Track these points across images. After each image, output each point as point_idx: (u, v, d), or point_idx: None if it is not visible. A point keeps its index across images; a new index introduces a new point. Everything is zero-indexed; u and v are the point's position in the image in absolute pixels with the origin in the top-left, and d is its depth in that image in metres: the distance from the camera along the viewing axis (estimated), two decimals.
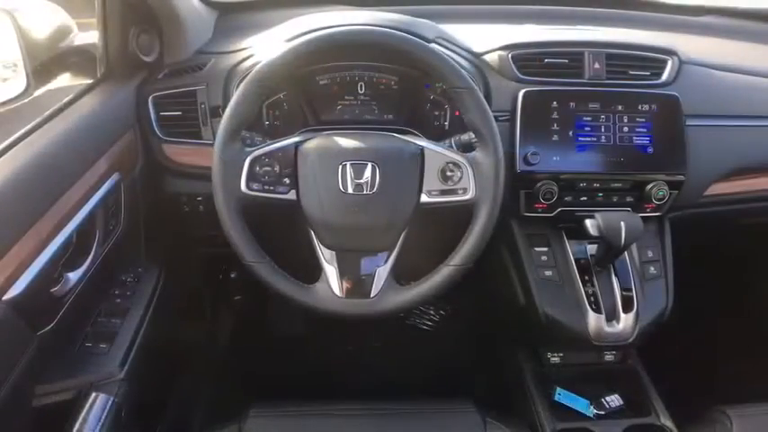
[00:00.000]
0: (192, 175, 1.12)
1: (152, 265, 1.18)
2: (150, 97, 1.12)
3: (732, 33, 1.49)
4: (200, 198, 1.14)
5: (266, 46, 1.12)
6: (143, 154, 1.13)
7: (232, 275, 1.59)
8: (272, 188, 0.93)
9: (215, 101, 1.10)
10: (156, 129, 1.12)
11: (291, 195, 0.93)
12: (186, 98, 1.12)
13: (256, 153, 0.92)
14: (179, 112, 1.11)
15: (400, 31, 0.95)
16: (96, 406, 0.93)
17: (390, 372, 1.57)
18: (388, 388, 1.12)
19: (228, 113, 0.91)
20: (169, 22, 1.15)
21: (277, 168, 0.93)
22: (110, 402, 0.94)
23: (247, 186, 0.91)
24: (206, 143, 1.10)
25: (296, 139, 0.95)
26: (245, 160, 0.91)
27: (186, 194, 1.16)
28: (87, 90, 1.08)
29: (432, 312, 1.79)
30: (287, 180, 0.93)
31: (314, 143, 0.94)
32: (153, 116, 1.12)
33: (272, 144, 0.94)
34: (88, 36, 1.20)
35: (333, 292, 0.93)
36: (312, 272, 0.96)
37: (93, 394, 0.94)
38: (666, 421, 1.12)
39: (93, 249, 0.97)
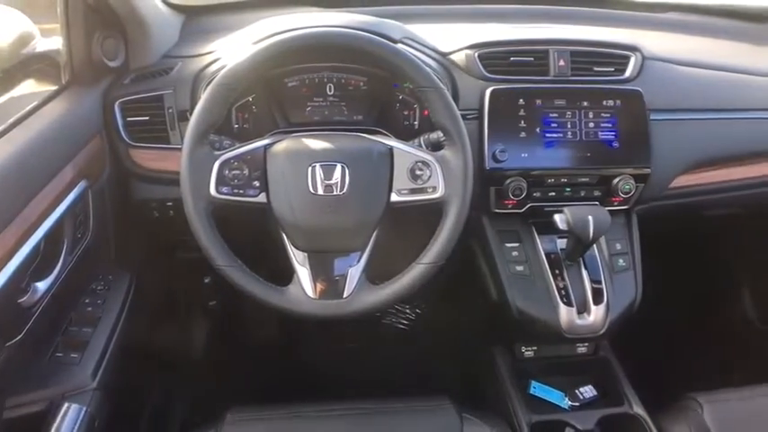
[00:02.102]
0: (162, 180, 1.11)
1: (123, 272, 1.16)
2: (117, 103, 1.11)
3: (694, 29, 1.52)
4: (170, 203, 1.13)
5: (233, 49, 1.11)
6: (111, 160, 1.12)
7: (206, 280, 1.57)
8: (241, 191, 0.92)
9: (183, 105, 1.10)
10: (123, 134, 1.11)
11: (261, 198, 0.93)
12: (153, 103, 1.11)
13: (225, 156, 0.92)
14: (146, 117, 1.11)
15: (366, 32, 0.96)
16: (68, 417, 0.92)
17: (368, 372, 1.57)
18: (365, 388, 1.12)
19: (195, 117, 0.91)
20: (134, 27, 1.14)
21: (246, 171, 0.92)
22: (82, 413, 0.93)
23: (217, 190, 0.91)
24: (174, 148, 1.09)
25: (265, 141, 0.95)
26: (213, 164, 0.91)
27: (156, 200, 1.15)
28: (52, 97, 1.07)
29: (408, 311, 1.79)
30: (257, 183, 0.93)
31: (283, 145, 0.94)
32: (120, 122, 1.11)
33: (240, 147, 0.94)
34: (51, 42, 1.18)
35: (306, 293, 0.93)
36: (285, 274, 0.96)
37: (66, 405, 0.92)
38: (639, 410, 1.15)
39: (62, 258, 0.95)
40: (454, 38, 1.19)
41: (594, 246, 1.13)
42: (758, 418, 1.13)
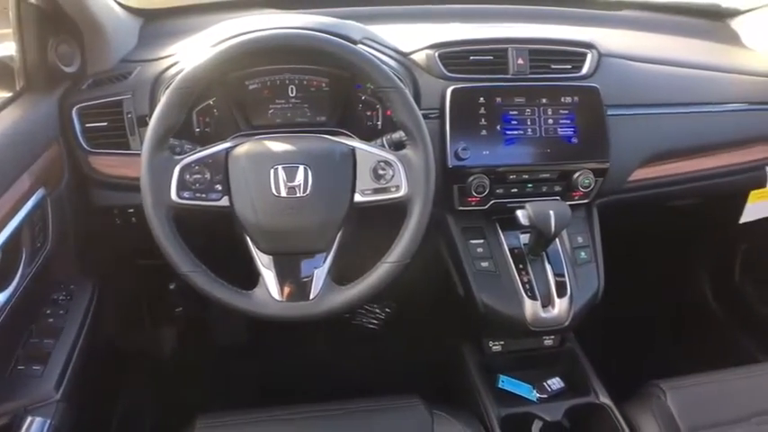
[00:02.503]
0: (122, 186, 1.10)
1: (86, 281, 1.14)
2: (74, 109, 1.09)
3: (648, 26, 1.56)
4: (131, 210, 1.11)
5: (191, 52, 1.11)
6: (69, 167, 1.10)
7: (171, 287, 1.55)
8: (203, 195, 0.92)
9: (142, 110, 1.08)
10: (81, 141, 1.09)
11: (224, 202, 0.92)
12: (112, 108, 1.09)
13: (186, 161, 0.91)
14: (105, 123, 1.09)
15: (326, 33, 0.96)
16: (32, 430, 0.90)
17: (338, 373, 1.58)
18: (336, 389, 1.12)
19: (154, 122, 0.90)
20: (90, 32, 1.12)
21: (208, 175, 0.92)
22: (46, 425, 0.91)
23: (178, 195, 0.90)
24: (134, 153, 1.07)
25: (226, 144, 0.94)
26: (174, 169, 0.90)
27: (117, 207, 1.13)
28: (6, 104, 1.04)
29: (377, 311, 1.80)
30: (219, 187, 0.92)
31: (244, 148, 0.94)
32: (78, 128, 1.09)
33: (201, 151, 0.93)
34: (4, 48, 1.16)
35: (272, 296, 0.93)
36: (251, 278, 0.96)
37: (29, 418, 0.91)
38: (605, 399, 1.17)
39: (21, 269, 0.93)
40: (415, 38, 1.20)
41: (557, 240, 1.15)
42: (718, 401, 1.17)
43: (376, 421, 1.07)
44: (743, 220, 1.43)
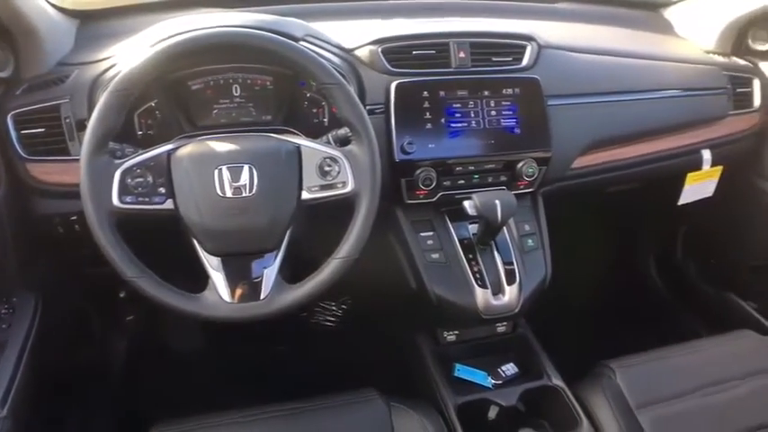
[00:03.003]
0: (63, 194, 1.06)
1: (29, 293, 1.11)
2: (9, 115, 1.05)
3: (585, 17, 1.60)
4: (74, 217, 1.08)
5: (130, 53, 1.08)
6: (5, 176, 1.06)
7: (121, 295, 1.52)
8: (146, 199, 0.90)
9: (80, 114, 1.05)
10: (18, 148, 1.05)
11: (168, 205, 0.91)
12: (49, 113, 1.06)
13: (126, 165, 0.89)
14: (42, 129, 1.05)
15: (266, 30, 0.95)
16: None
17: (297, 373, 1.57)
18: (295, 390, 1.12)
19: (92, 126, 0.88)
20: (22, 35, 1.08)
21: (150, 179, 0.90)
22: None
23: (120, 200, 0.88)
24: (75, 159, 1.03)
25: (168, 146, 0.93)
26: (114, 173, 0.88)
27: (59, 215, 1.10)
28: None
29: (334, 308, 1.80)
30: (162, 190, 0.91)
31: (187, 149, 0.92)
32: (13, 135, 1.05)
33: (142, 154, 0.91)
34: None
35: (222, 298, 0.92)
36: (200, 281, 0.94)
37: None
38: (558, 381, 1.21)
39: None
40: (358, 34, 1.20)
41: (504, 228, 1.18)
42: (665, 377, 1.22)
43: (334, 418, 1.07)
44: (681, 201, 1.48)
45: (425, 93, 1.13)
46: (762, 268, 1.64)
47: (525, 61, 1.22)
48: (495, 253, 1.18)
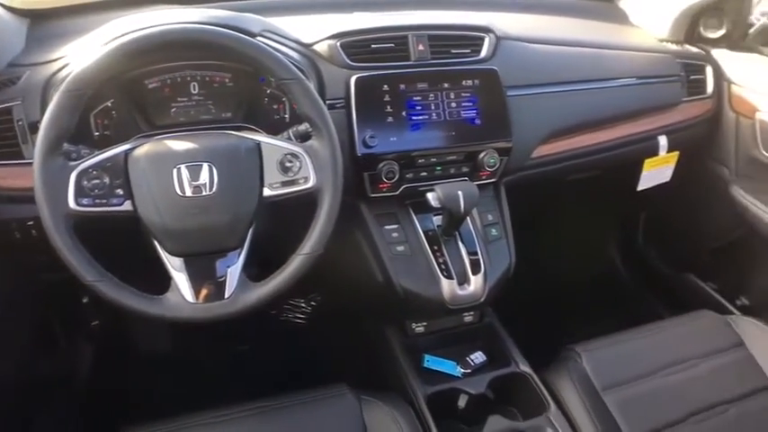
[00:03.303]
0: (19, 198, 1.03)
1: None
2: None
3: (542, 8, 1.62)
4: (30, 222, 1.05)
5: (83, 52, 1.06)
6: None
7: (84, 300, 1.49)
8: (104, 201, 0.88)
9: (33, 116, 1.02)
10: None
11: (127, 206, 0.90)
12: (1, 116, 1.03)
13: (82, 166, 0.87)
14: None
15: (222, 26, 0.94)
16: None
17: (268, 372, 1.57)
18: (266, 388, 1.12)
19: (44, 128, 0.86)
20: None
21: (107, 180, 0.89)
22: None
23: (76, 203, 0.87)
24: (29, 163, 1.00)
25: (125, 146, 0.91)
26: (69, 175, 0.86)
27: (15, 220, 1.07)
28: None
29: (303, 305, 1.80)
30: (120, 191, 0.89)
31: (144, 149, 0.91)
32: None
33: (98, 155, 0.89)
34: None
35: (185, 299, 0.91)
36: (163, 282, 0.93)
37: None
38: (525, 367, 1.22)
39: None
40: (316, 28, 1.20)
41: (468, 219, 1.19)
42: (629, 358, 1.25)
43: (305, 414, 1.07)
44: (640, 187, 1.52)
45: (385, 86, 1.13)
46: (719, 250, 1.70)
47: (484, 53, 1.23)
48: (460, 243, 1.19)
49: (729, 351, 1.28)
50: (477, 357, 1.28)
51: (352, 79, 1.12)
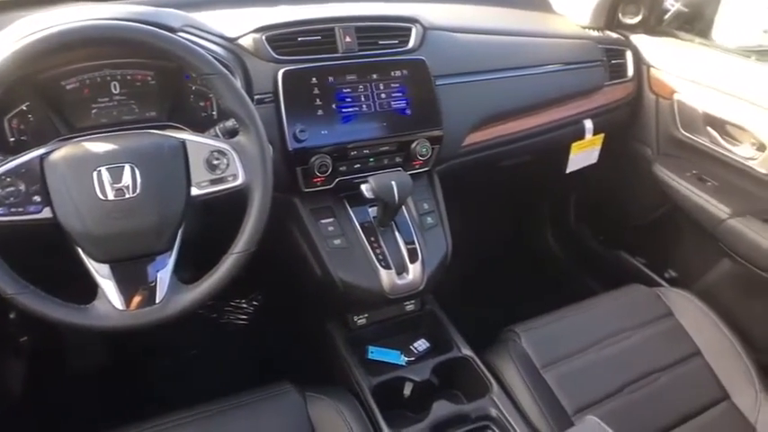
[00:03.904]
0: None
1: None
2: None
3: None
4: None
5: None
6: None
7: (11, 316, 1.41)
8: (20, 209, 0.84)
9: None
10: None
11: (46, 213, 0.85)
12: None
13: None
14: None
15: (140, 22, 0.91)
16: None
17: (211, 376, 1.54)
18: (210, 393, 1.09)
19: None
20: None
21: (22, 187, 0.84)
22: None
23: None
24: None
25: (40, 151, 0.87)
26: None
27: None
28: None
29: (244, 306, 1.77)
30: (37, 198, 0.85)
31: (61, 153, 0.87)
32: None
33: (10, 161, 0.85)
34: None
35: (114, 306, 0.87)
36: (91, 291, 0.90)
37: None
38: (467, 351, 1.25)
39: None
40: (241, 22, 1.17)
41: (403, 208, 1.20)
42: (566, 335, 1.29)
43: (249, 415, 1.06)
44: (569, 170, 1.57)
45: (314, 79, 1.12)
46: (646, 226, 1.77)
47: (411, 43, 1.24)
48: (397, 233, 1.20)
49: (660, 321, 1.34)
50: (421, 345, 1.29)
51: (280, 73, 1.11)
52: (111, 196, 0.86)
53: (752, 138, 1.37)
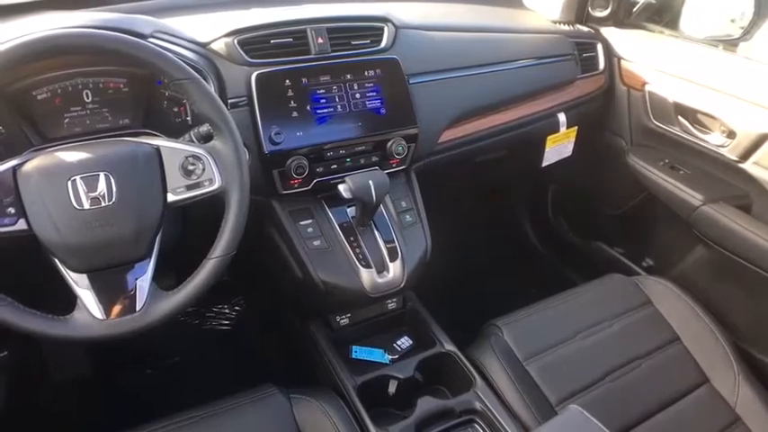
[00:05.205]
0: None
1: None
2: None
3: None
4: None
5: None
6: None
7: None
8: None
9: None
10: None
11: (21, 225, 0.84)
12: None
13: None
14: None
15: (111, 29, 0.90)
16: None
17: (195, 382, 1.53)
18: (195, 398, 1.09)
19: None
20: None
21: None
22: None
23: None
24: None
25: (12, 162, 0.85)
26: None
27: None
28: None
29: (227, 311, 1.76)
30: (11, 210, 0.84)
31: (34, 163, 0.86)
32: None
33: None
34: None
35: (93, 316, 0.87)
36: (69, 301, 0.89)
37: None
38: (450, 346, 1.25)
39: None
40: (213, 26, 1.17)
41: (382, 207, 1.21)
42: (547, 326, 1.31)
43: (235, 419, 1.06)
44: (544, 163, 1.59)
45: (288, 81, 1.12)
46: (622, 216, 1.80)
47: (384, 43, 1.24)
48: (376, 232, 1.20)
49: (639, 310, 1.37)
50: (404, 342, 1.30)
51: (253, 76, 1.11)
52: (86, 205, 0.85)
53: (722, 125, 1.39)
